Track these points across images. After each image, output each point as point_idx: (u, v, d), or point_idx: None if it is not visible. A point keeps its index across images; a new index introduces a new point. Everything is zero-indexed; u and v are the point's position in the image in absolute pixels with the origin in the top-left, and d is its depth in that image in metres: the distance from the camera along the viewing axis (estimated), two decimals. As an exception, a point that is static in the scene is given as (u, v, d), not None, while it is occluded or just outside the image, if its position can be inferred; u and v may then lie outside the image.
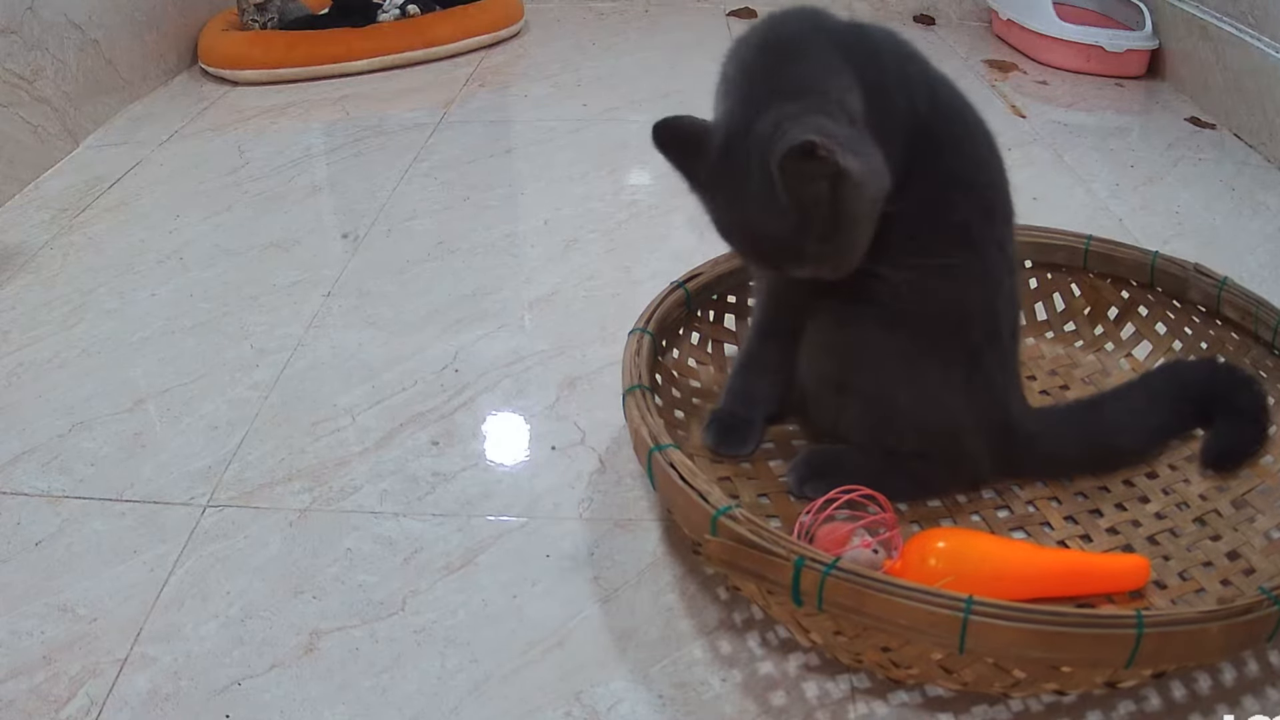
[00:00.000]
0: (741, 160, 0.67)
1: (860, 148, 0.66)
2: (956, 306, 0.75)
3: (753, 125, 0.67)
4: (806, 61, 0.69)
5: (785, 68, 0.69)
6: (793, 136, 0.63)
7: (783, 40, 0.71)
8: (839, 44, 0.70)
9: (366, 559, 0.77)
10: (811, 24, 0.72)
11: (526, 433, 0.92)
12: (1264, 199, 1.37)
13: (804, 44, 0.70)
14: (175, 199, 1.35)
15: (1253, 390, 0.83)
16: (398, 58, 1.83)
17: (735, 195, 0.69)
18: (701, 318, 0.94)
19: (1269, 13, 1.52)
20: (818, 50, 0.69)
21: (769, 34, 0.72)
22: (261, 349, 1.02)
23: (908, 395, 0.76)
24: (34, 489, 0.84)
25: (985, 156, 0.76)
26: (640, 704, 0.65)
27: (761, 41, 0.72)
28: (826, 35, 0.71)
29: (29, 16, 1.39)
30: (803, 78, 0.68)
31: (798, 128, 0.64)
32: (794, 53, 0.69)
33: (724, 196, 0.70)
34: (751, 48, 0.72)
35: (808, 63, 0.69)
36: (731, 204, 0.70)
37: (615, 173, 1.43)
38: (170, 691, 0.66)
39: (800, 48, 0.69)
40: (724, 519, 0.63)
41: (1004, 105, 1.68)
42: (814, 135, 0.62)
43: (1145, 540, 0.76)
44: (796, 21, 0.72)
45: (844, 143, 0.65)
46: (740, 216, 0.70)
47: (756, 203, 0.67)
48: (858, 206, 0.67)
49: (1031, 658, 0.58)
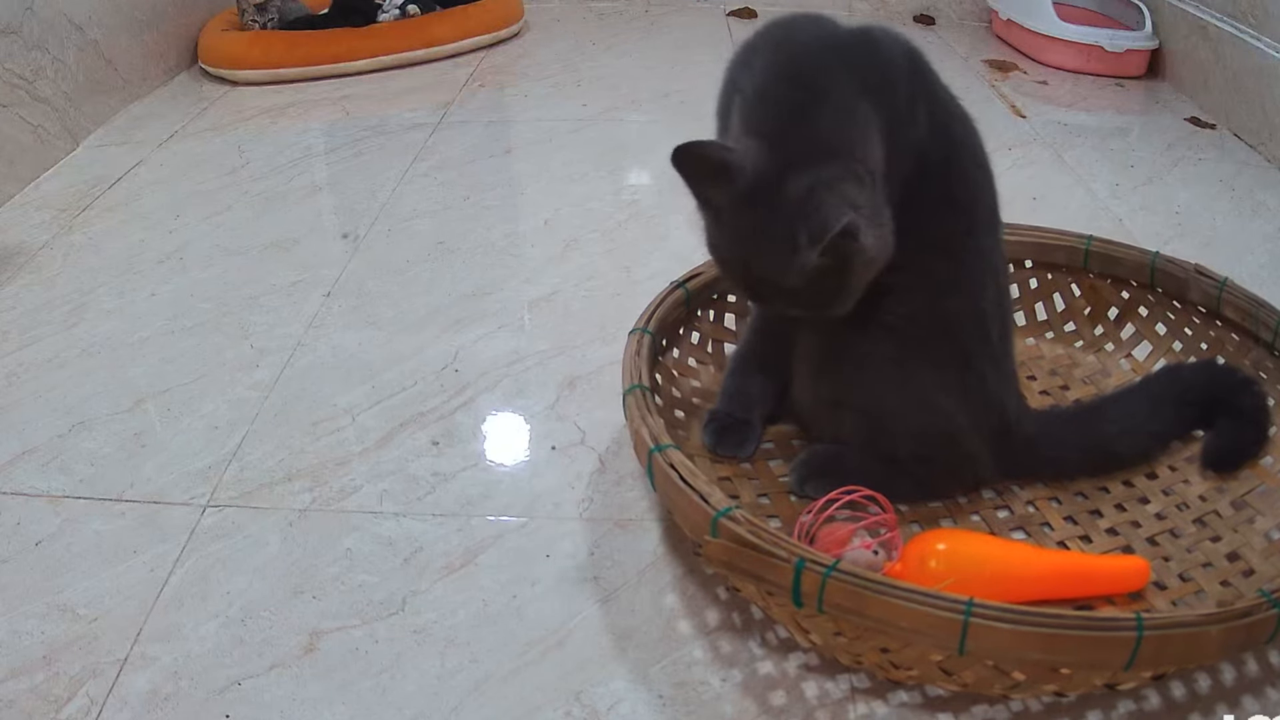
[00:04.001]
0: (765, 212, 0.68)
1: (878, 217, 0.68)
2: (942, 312, 0.75)
3: (784, 181, 0.67)
4: (835, 105, 0.68)
5: (816, 112, 0.68)
6: (833, 217, 0.64)
7: (803, 67, 0.70)
8: (856, 71, 0.69)
9: (366, 559, 0.77)
10: (826, 43, 0.71)
11: (526, 433, 0.92)
12: (1264, 199, 1.37)
13: (828, 79, 0.69)
14: (175, 199, 1.35)
15: (1253, 391, 0.83)
16: (398, 58, 1.83)
17: (750, 240, 0.70)
18: (701, 317, 0.94)
19: (1269, 13, 1.52)
20: (841, 86, 0.69)
21: (784, 52, 0.71)
22: (261, 349, 1.02)
23: (902, 403, 0.76)
24: (34, 489, 0.84)
25: (971, 172, 0.76)
26: (640, 704, 0.66)
27: (779, 62, 0.71)
28: (842, 59, 0.70)
29: (29, 16, 1.39)
30: (834, 130, 0.68)
31: (833, 201, 0.65)
32: (821, 92, 0.68)
33: (738, 236, 0.70)
34: (769, 67, 0.71)
35: (837, 108, 0.68)
36: (743, 245, 0.70)
37: (615, 173, 1.43)
38: (170, 691, 0.66)
39: (825, 85, 0.68)
40: (724, 520, 0.63)
41: (1004, 105, 1.68)
42: (849, 215, 0.64)
43: (1145, 541, 0.76)
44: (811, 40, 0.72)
45: (868, 216, 0.66)
46: (748, 258, 0.71)
47: (770, 254, 0.68)
48: (865, 276, 0.69)
49: (1031, 660, 0.58)
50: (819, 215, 0.65)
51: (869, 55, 0.71)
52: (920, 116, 0.72)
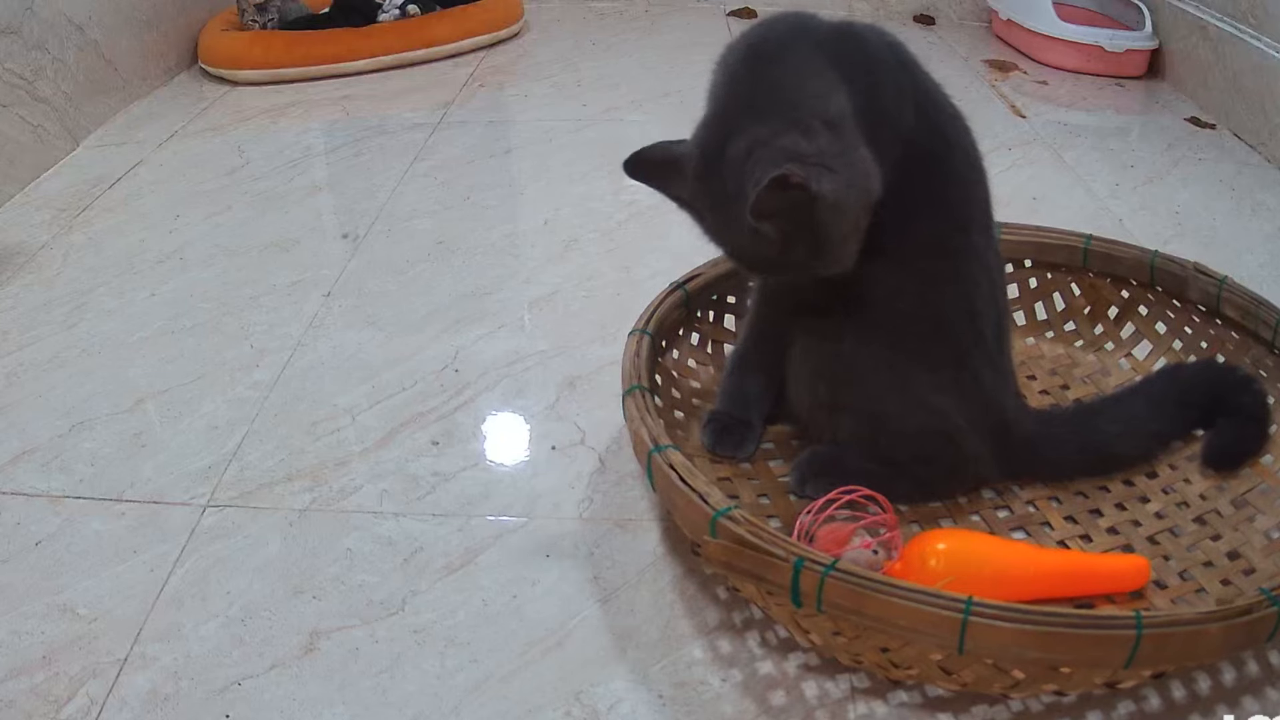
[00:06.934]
0: (718, 184, 0.68)
1: (840, 160, 0.66)
2: (935, 312, 0.75)
3: (725, 148, 0.67)
4: (782, 67, 0.68)
5: (761, 77, 0.68)
6: (762, 171, 0.63)
7: (765, 46, 0.70)
8: (827, 48, 0.70)
9: (366, 559, 0.77)
10: (798, 28, 0.72)
11: (526, 433, 0.92)
12: (1264, 199, 1.37)
13: (784, 50, 0.69)
14: (175, 199, 1.35)
15: (1253, 390, 0.83)
16: (398, 58, 1.83)
17: (717, 216, 0.70)
18: (701, 318, 0.94)
19: (1269, 13, 1.52)
20: (798, 54, 0.69)
21: (754, 40, 0.72)
22: (261, 349, 1.02)
23: (898, 405, 0.76)
24: (34, 489, 0.84)
25: (963, 170, 0.76)
26: (640, 704, 0.66)
27: (746, 48, 0.72)
28: (812, 39, 0.71)
29: (29, 16, 1.39)
30: (777, 88, 0.68)
31: (767, 158, 0.64)
32: (772, 60, 0.69)
33: (707, 216, 0.71)
34: (737, 55, 0.72)
35: (783, 68, 0.68)
36: (714, 223, 0.71)
37: (615, 173, 1.41)
38: (170, 691, 0.66)
39: (779, 54, 0.69)
40: (723, 520, 0.63)
41: (1004, 105, 1.68)
42: (784, 166, 0.62)
43: (1145, 540, 0.76)
44: (783, 26, 0.72)
45: (821, 160, 0.64)
46: (724, 235, 0.71)
47: (738, 224, 0.68)
48: (837, 224, 0.67)
49: (1031, 658, 0.58)
50: (755, 173, 0.64)
51: (849, 46, 0.72)
52: (907, 109, 0.72)
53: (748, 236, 0.68)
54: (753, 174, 0.64)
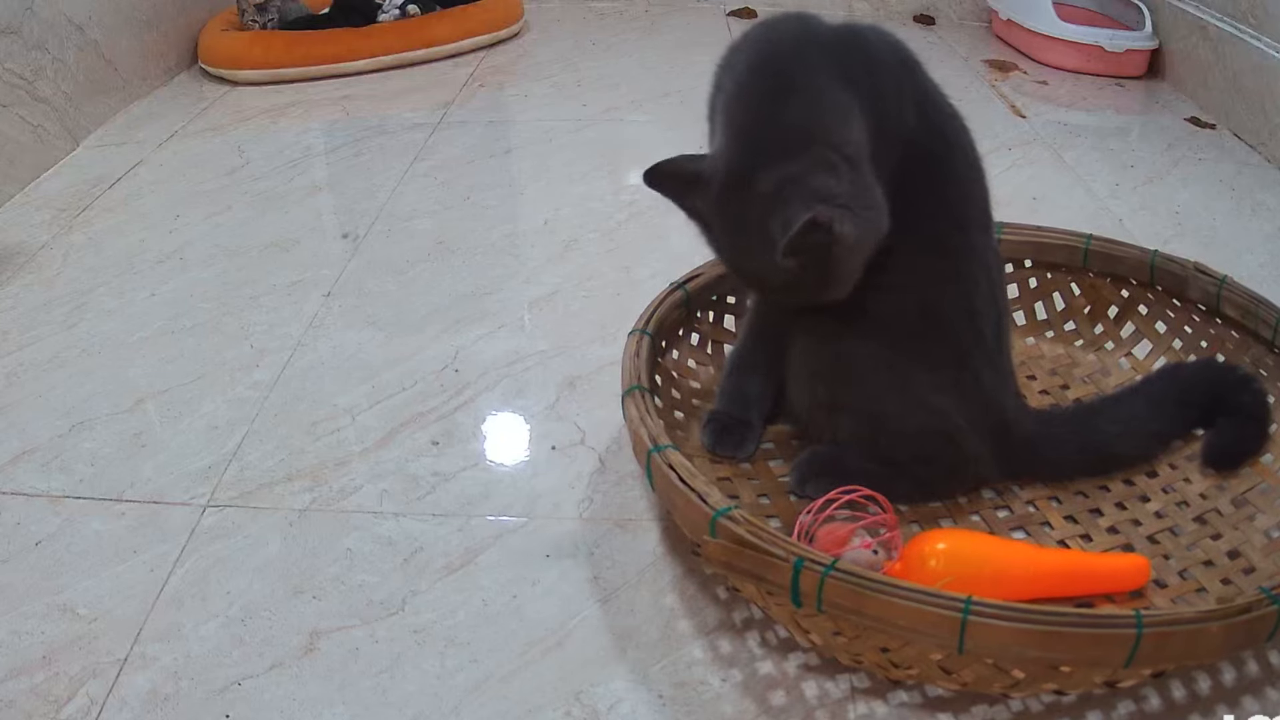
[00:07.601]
0: (740, 211, 0.68)
1: (859, 199, 0.68)
2: (934, 312, 0.75)
3: (753, 178, 0.67)
4: (805, 94, 0.68)
5: (784, 103, 0.68)
6: (796, 212, 0.64)
7: (778, 62, 0.70)
8: (837, 61, 0.70)
9: (366, 559, 0.77)
10: (806, 38, 0.72)
11: (526, 433, 0.92)
12: (1264, 199, 1.37)
13: (802, 70, 0.69)
14: (175, 199, 1.35)
15: (1253, 389, 0.83)
16: (398, 58, 1.83)
17: (732, 240, 0.71)
18: (701, 318, 0.94)
19: (1269, 13, 1.52)
20: (816, 77, 0.69)
21: (763, 48, 0.72)
22: (261, 349, 1.02)
23: (898, 404, 0.76)
24: (34, 489, 0.84)
25: (962, 170, 0.76)
26: (640, 704, 0.65)
27: (756, 59, 0.71)
28: (822, 52, 0.71)
29: (29, 16, 1.39)
30: (803, 119, 0.68)
31: (800, 198, 0.65)
32: (792, 82, 0.69)
33: (721, 237, 0.72)
34: (746, 65, 0.72)
35: (807, 96, 0.68)
36: (729, 245, 0.72)
37: (615, 173, 1.43)
38: (170, 691, 0.66)
39: (797, 77, 0.69)
40: (723, 520, 0.63)
41: (1004, 105, 1.68)
42: (816, 208, 0.64)
43: (1145, 539, 0.76)
44: (791, 37, 0.72)
45: (845, 202, 0.66)
46: (737, 258, 0.72)
47: (753, 252, 0.69)
48: (850, 262, 0.69)
49: (1030, 658, 0.58)
50: (784, 215, 0.65)
51: (852, 49, 0.72)
52: (909, 110, 0.72)
53: (764, 264, 0.69)
54: (783, 213, 0.66)
